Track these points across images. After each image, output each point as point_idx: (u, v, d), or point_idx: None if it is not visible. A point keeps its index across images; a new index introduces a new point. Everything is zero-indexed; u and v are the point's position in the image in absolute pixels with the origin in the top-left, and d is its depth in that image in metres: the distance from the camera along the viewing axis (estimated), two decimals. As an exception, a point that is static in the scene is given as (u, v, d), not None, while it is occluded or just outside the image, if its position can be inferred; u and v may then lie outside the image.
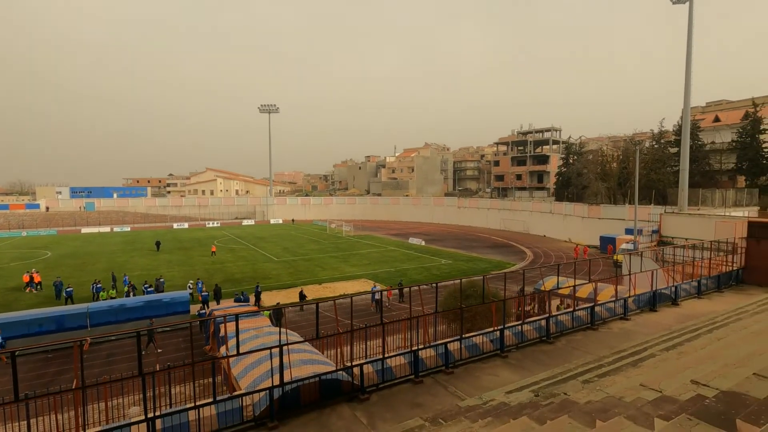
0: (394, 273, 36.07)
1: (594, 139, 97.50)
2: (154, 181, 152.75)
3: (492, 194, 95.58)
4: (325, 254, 46.28)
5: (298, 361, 10.99)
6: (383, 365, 10.73)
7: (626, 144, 68.59)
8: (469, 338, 12.65)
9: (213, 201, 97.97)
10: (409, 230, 69.28)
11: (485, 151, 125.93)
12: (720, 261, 22.71)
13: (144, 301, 21.35)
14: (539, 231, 63.52)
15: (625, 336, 14.20)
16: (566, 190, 69.27)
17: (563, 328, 14.93)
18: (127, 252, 49.17)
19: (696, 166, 52.49)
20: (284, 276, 35.23)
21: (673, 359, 8.46)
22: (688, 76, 35.95)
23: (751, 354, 6.84)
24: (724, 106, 71.06)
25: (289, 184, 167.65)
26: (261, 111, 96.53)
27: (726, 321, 12.69)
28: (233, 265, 40.67)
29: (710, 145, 58.38)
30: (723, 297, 20.02)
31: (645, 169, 57.30)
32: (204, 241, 58.73)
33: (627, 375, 8.01)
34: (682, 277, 21.08)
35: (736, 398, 4.81)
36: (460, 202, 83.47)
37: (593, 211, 54.83)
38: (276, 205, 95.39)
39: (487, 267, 38.21)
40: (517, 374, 11.36)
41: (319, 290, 30.08)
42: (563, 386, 8.25)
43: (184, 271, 37.73)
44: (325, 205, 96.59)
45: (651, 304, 17.98)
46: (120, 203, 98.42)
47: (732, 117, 61.34)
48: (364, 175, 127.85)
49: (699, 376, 6.26)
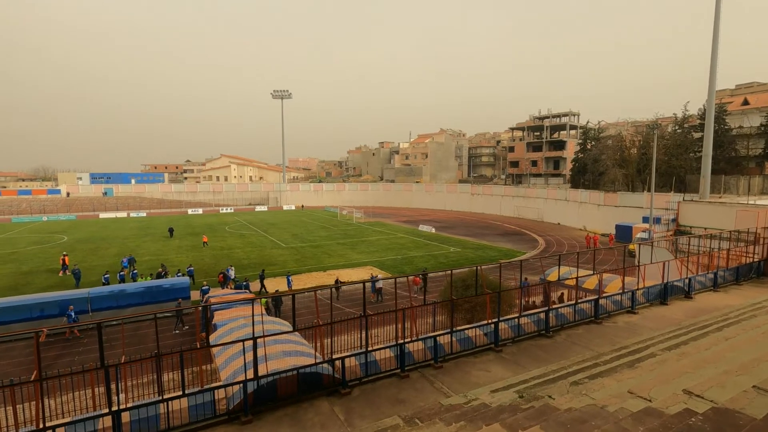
0: (401, 260, 35.63)
1: (614, 124, 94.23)
2: (171, 168, 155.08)
3: (507, 181, 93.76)
4: (333, 241, 46.11)
5: (281, 352, 10.65)
6: (367, 358, 10.31)
7: (647, 129, 65.93)
8: (461, 331, 12.12)
9: (227, 187, 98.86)
10: (421, 217, 68.57)
11: (501, 137, 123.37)
12: (740, 252, 21.49)
13: (145, 287, 21.44)
14: (554, 219, 62.04)
15: (630, 331, 13.46)
16: (582, 176, 67.35)
17: (564, 321, 14.26)
18: (140, 237, 49.94)
19: (720, 152, 50.16)
20: (290, 263, 35.17)
21: (673, 361, 7.78)
22: (714, 55, 33.87)
23: (756, 360, 6.13)
24: (755, 88, 67.33)
25: (303, 170, 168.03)
26: (274, 97, 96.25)
27: (739, 317, 11.83)
28: (241, 251, 40.84)
29: (737, 130, 55.56)
30: (741, 290, 18.94)
31: (666, 155, 55.07)
32: (216, 226, 59.27)
33: (619, 377, 7.39)
34: (698, 268, 20.02)
35: (728, 416, 4.17)
36: (473, 189, 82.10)
37: (609, 199, 53.09)
38: (289, 191, 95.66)
39: (495, 255, 37.40)
40: (508, 370, 10.82)
41: (322, 277, 29.88)
42: (550, 387, 7.69)
43: (193, 257, 38.03)
44: (338, 191, 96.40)
45: (662, 297, 17.09)
46: (138, 189, 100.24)
47: (762, 100, 58.13)
48: (377, 161, 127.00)
49: (694, 384, 5.60)
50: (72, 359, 17.26)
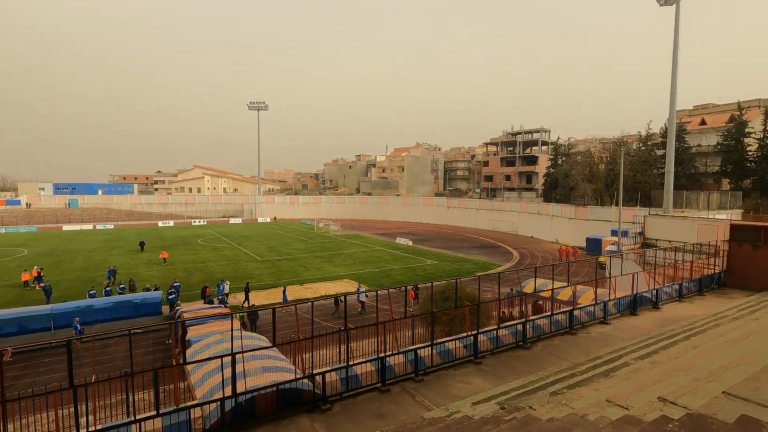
0: (379, 273, 35.57)
1: (583, 140, 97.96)
2: (141, 178, 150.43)
3: (481, 195, 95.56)
4: (310, 254, 45.63)
5: (260, 368, 10.42)
6: (348, 373, 10.21)
7: (614, 146, 68.88)
8: (442, 344, 12.18)
9: (200, 199, 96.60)
10: (398, 230, 68.83)
11: (476, 152, 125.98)
12: (702, 264, 22.55)
13: (113, 302, 20.56)
14: (527, 232, 63.48)
15: (603, 341, 13.85)
16: (554, 191, 69.42)
17: (541, 332, 14.54)
18: (107, 250, 48.02)
19: (681, 169, 52.81)
20: (266, 276, 34.54)
21: (646, 370, 8.05)
22: (674, 79, 35.92)
23: (723, 367, 6.44)
24: (711, 109, 71.67)
25: (279, 182, 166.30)
26: (250, 108, 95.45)
27: (704, 327, 12.38)
28: (215, 264, 39.84)
29: (696, 148, 58.78)
30: (704, 300, 19.83)
31: (631, 171, 57.52)
32: (188, 239, 57.69)
33: (596, 387, 7.58)
34: (664, 279, 20.87)
35: (702, 422, 4.36)
36: (449, 202, 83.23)
37: (580, 213, 54.87)
38: (264, 203, 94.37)
39: (472, 268, 37.88)
40: (488, 382, 10.92)
41: (300, 291, 29.45)
42: (531, 398, 7.80)
43: (164, 270, 36.84)
44: (314, 204, 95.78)
45: (632, 308, 17.69)
46: (105, 200, 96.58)
47: (718, 120, 61.84)
48: (354, 174, 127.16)
49: (668, 391, 5.83)
50: (33, 380, 16.29)
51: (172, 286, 25.57)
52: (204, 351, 12.76)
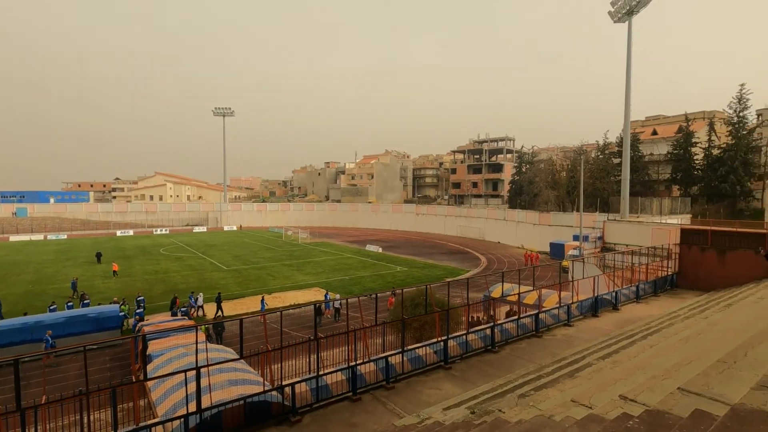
0: (349, 281, 35.35)
1: (546, 149, 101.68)
2: (98, 186, 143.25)
3: (449, 201, 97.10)
4: (278, 262, 44.80)
5: (226, 381, 10.08)
6: (318, 383, 10.05)
7: (574, 154, 71.92)
8: (412, 350, 12.22)
9: (162, 207, 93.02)
10: (367, 237, 68.76)
11: (444, 159, 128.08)
12: (657, 266, 23.80)
13: (65, 317, 19.36)
14: (494, 237, 64.94)
15: (568, 343, 14.30)
16: (519, 197, 71.55)
17: (509, 336, 14.87)
18: (60, 262, 45.32)
19: (636, 176, 55.66)
20: (232, 286, 33.60)
21: (607, 369, 8.37)
22: (627, 91, 37.98)
23: (678, 364, 6.79)
24: (661, 120, 76.22)
25: (246, 189, 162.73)
26: (215, 114, 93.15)
27: (660, 326, 13.03)
28: (178, 274, 38.38)
29: (649, 157, 62.21)
30: (659, 301, 20.90)
31: (591, 178, 60.15)
32: (149, 249, 55.35)
33: (562, 387, 7.80)
34: (622, 282, 21.87)
35: (659, 417, 4.57)
36: (418, 209, 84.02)
37: (544, 219, 56.72)
38: (230, 211, 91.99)
39: (441, 274, 38.31)
40: (459, 387, 11.03)
41: (268, 301, 28.78)
42: (500, 401, 7.93)
43: (123, 282, 35.15)
44: (282, 211, 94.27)
45: (593, 310, 18.39)
46: (57, 209, 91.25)
47: (668, 131, 65.80)
48: (323, 181, 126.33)
49: (628, 389, 6.08)
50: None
51: (135, 300, 24.35)
52: (166, 365, 12.22)
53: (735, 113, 52.19)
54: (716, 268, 22.66)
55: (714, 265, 22.81)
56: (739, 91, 51.87)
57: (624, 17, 37.33)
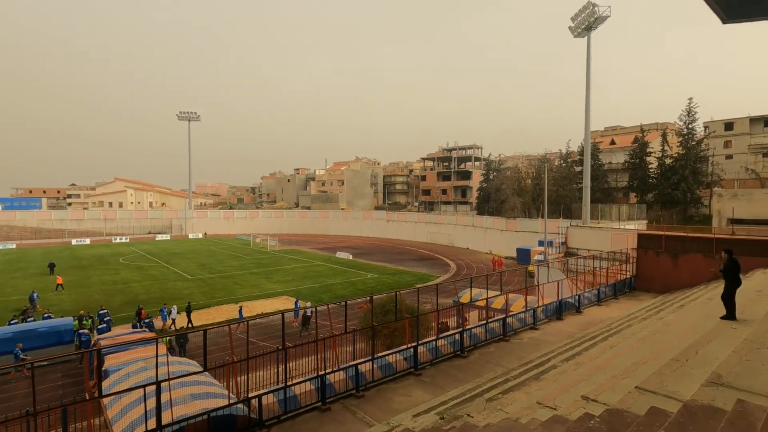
0: (319, 289, 34.93)
1: (512, 157, 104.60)
2: (51, 192, 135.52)
3: (419, 208, 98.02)
4: (246, 271, 43.74)
5: (188, 396, 9.68)
6: (286, 394, 9.84)
7: (539, 162, 74.38)
8: (383, 357, 12.19)
9: (122, 214, 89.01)
10: (338, 244, 68.29)
11: (414, 167, 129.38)
12: (616, 270, 24.85)
13: (12, 332, 18.09)
14: (463, 244, 65.97)
15: (534, 346, 14.66)
16: (487, 204, 73.12)
17: (477, 340, 15.09)
18: (8, 273, 42.44)
19: (596, 184, 58.14)
20: (197, 295, 32.47)
21: (571, 371, 8.62)
22: (587, 103, 39.75)
23: (636, 363, 7.08)
24: (619, 131, 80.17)
25: (213, 196, 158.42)
26: (180, 118, 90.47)
27: (619, 328, 13.58)
28: (139, 285, 36.74)
29: (608, 165, 65.19)
30: (619, 303, 21.79)
31: (554, 186, 62.33)
32: (107, 258, 52.76)
33: (528, 390, 7.98)
34: (585, 285, 22.68)
35: (618, 416, 4.74)
36: (388, 215, 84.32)
37: (510, 225, 58.17)
38: (196, 218, 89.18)
39: (411, 280, 38.51)
40: (428, 393, 11.07)
41: (234, 310, 27.99)
42: (468, 406, 8.01)
43: (79, 293, 33.30)
44: (251, 218, 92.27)
45: (558, 313, 18.96)
46: (6, 216, 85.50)
47: (625, 141, 69.24)
48: (293, 187, 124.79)
49: (590, 389, 6.28)
50: None
51: (98, 313, 22.97)
52: (124, 381, 11.62)
53: (685, 125, 55.60)
54: (670, 270, 23.91)
55: (668, 268, 24.07)
56: (687, 104, 55.38)
57: (583, 32, 39.15)
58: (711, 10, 9.23)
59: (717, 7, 9.24)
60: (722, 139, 61.77)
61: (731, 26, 10.34)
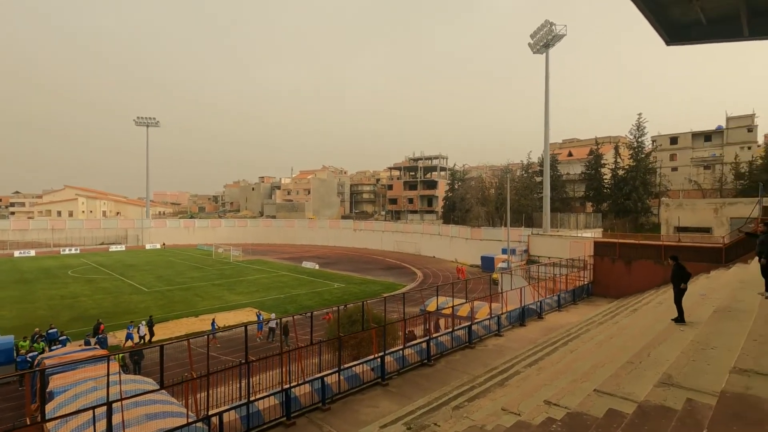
0: (284, 299, 34.19)
1: (476, 167, 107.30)
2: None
3: (386, 217, 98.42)
4: (208, 282, 42.21)
5: (143, 416, 9.16)
6: (249, 410, 9.50)
7: (501, 173, 76.74)
8: (349, 368, 12.04)
9: (72, 224, 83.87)
10: (304, 254, 67.30)
11: (381, 176, 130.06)
12: (575, 276, 25.85)
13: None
14: (429, 252, 66.67)
15: (498, 353, 14.93)
16: (452, 213, 74.47)
17: (444, 349, 15.20)
18: (-61, 288, 38.88)
19: (555, 194, 60.55)
20: (154, 309, 30.95)
21: (534, 376, 8.83)
22: (546, 116, 41.49)
23: (594, 367, 7.34)
24: (576, 143, 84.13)
25: (172, 205, 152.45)
26: (137, 124, 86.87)
27: (578, 332, 14.09)
28: (89, 299, 34.62)
29: (566, 176, 68.12)
30: (577, 309, 22.63)
31: (516, 195, 64.39)
32: (55, 271, 49.47)
33: (493, 397, 8.09)
34: (546, 292, 23.43)
35: (578, 419, 4.88)
36: (355, 224, 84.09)
37: (475, 233, 59.42)
38: (153, 228, 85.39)
39: (378, 289, 38.42)
40: (395, 403, 11.01)
41: (195, 323, 26.93)
42: (435, 415, 8.02)
43: (21, 310, 30.96)
44: (213, 228, 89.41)
45: (521, 319, 19.44)
46: (-63, 226, 78.62)
47: (581, 153, 72.68)
48: (257, 196, 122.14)
49: (552, 394, 6.44)
50: None
51: (47, 332, 21.21)
52: (71, 403, 10.83)
53: (635, 139, 59.07)
54: (624, 276, 25.14)
55: (622, 274, 25.30)
56: (637, 119, 58.94)
57: (542, 49, 41.00)
58: (656, 32, 9.85)
59: (661, 30, 9.88)
60: (668, 152, 66.13)
61: (676, 48, 11.04)
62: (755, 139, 61.25)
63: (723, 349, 6.04)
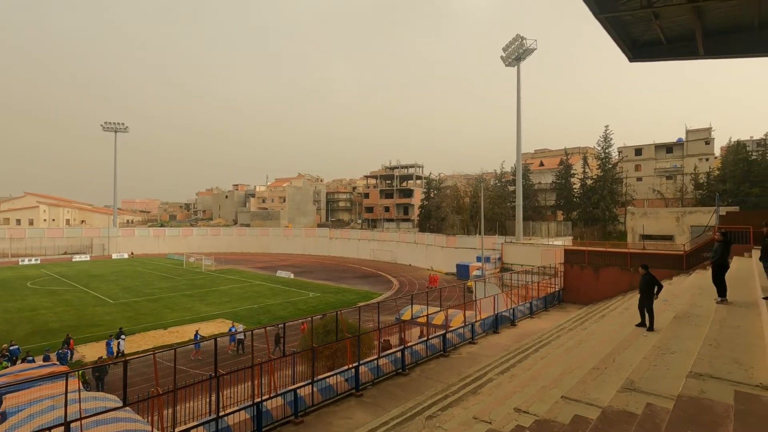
0: (258, 310, 33.51)
1: (451, 176, 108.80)
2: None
3: (363, 225, 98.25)
4: (178, 293, 40.93)
5: (105, 436, 8.74)
6: (218, 425, 9.22)
7: (476, 181, 78.07)
8: (323, 380, 11.88)
9: (32, 233, 79.90)
10: (279, 263, 66.28)
11: (357, 184, 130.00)
12: (546, 283, 26.44)
13: None
14: (406, 260, 66.86)
15: (472, 360, 15.06)
16: (428, 221, 75.07)
17: (418, 357, 15.22)
18: None
19: (528, 203, 62.00)
20: (120, 321, 29.69)
21: (506, 383, 8.95)
22: (518, 127, 42.61)
23: (563, 373, 7.51)
24: (547, 153, 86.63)
25: (142, 212, 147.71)
26: (105, 129, 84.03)
27: (549, 339, 14.40)
28: (50, 311, 32.95)
29: (538, 185, 69.94)
30: (549, 315, 23.12)
31: (490, 204, 65.57)
32: (12, 282, 46.89)
33: (466, 405, 8.14)
34: (518, 299, 23.87)
35: (546, 426, 4.97)
36: (331, 233, 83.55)
37: (451, 241, 60.04)
38: (120, 236, 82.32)
39: (354, 298, 38.18)
40: (370, 414, 10.92)
41: (163, 336, 26.02)
42: (408, 425, 8.00)
43: (-27, 323, 29.12)
44: (184, 236, 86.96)
45: (495, 327, 19.70)
46: None
47: (552, 163, 74.88)
48: (231, 204, 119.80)
49: (522, 401, 6.54)
50: None
51: (8, 349, 19.99)
52: (26, 424, 10.24)
53: (602, 150, 61.33)
54: (593, 283, 25.91)
55: (591, 280, 26.06)
56: (604, 131, 61.27)
57: (513, 62, 42.20)
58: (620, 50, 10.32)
59: (625, 47, 10.35)
60: (633, 162, 68.96)
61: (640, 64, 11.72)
62: (712, 151, 64.71)
63: (682, 353, 6.30)
